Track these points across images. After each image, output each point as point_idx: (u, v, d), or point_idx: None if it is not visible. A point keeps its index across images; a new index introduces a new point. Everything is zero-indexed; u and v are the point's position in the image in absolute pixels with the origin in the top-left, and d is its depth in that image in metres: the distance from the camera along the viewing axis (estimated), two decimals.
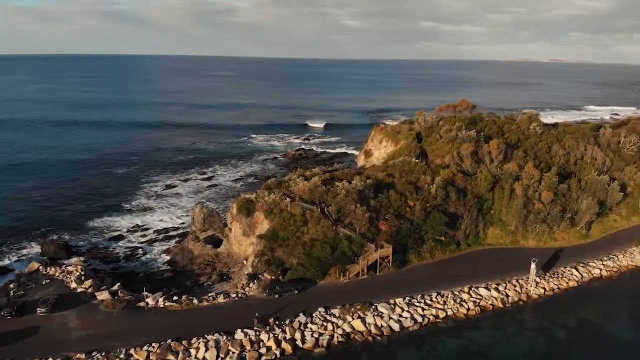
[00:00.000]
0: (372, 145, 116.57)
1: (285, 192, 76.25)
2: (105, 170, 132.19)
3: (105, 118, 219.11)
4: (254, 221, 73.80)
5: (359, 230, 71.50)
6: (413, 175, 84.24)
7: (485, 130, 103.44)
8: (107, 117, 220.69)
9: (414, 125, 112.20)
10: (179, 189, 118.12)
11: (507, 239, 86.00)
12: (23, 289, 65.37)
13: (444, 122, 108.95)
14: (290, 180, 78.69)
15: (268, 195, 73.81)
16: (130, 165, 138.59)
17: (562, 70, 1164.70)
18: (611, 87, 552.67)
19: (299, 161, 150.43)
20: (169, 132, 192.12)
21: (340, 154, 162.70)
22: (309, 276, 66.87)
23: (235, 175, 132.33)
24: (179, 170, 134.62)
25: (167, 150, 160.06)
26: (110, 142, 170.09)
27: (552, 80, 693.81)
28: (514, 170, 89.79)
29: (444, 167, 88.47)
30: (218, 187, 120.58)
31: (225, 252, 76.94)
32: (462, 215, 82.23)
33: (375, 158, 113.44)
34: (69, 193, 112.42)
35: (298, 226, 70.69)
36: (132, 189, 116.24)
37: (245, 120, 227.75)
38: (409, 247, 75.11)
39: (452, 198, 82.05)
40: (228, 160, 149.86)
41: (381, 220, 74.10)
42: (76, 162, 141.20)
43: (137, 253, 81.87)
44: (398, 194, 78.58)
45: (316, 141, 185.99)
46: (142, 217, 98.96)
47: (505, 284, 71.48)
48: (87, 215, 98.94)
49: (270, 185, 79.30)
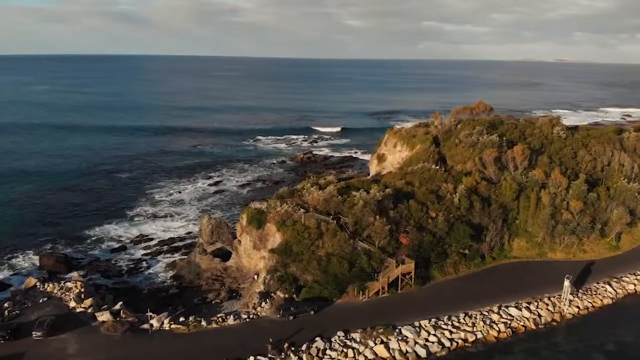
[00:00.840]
0: (385, 150, 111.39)
1: (299, 202, 71.30)
2: (108, 175, 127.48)
3: (107, 120, 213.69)
4: (265, 233, 68.89)
5: (378, 244, 66.48)
6: (434, 183, 79.13)
7: (507, 134, 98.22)
8: (110, 120, 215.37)
9: (430, 129, 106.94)
10: (184, 195, 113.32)
11: (534, 251, 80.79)
12: (19, 308, 60.71)
13: (462, 125, 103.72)
14: (304, 189, 73.69)
15: (280, 205, 68.87)
16: (133, 169, 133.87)
17: (567, 70, 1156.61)
18: (619, 87, 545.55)
19: (308, 165, 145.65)
20: (173, 134, 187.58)
21: (349, 158, 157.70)
22: (325, 295, 61.89)
23: (242, 180, 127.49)
24: (184, 175, 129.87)
25: (171, 153, 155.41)
26: (112, 146, 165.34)
27: (558, 80, 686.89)
28: (540, 177, 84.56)
29: (465, 175, 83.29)
30: (225, 193, 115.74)
31: (234, 266, 72.07)
32: (487, 227, 77.11)
33: (389, 163, 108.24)
34: (69, 199, 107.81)
35: (313, 239, 65.73)
36: (136, 195, 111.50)
37: (250, 122, 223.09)
38: (431, 261, 70.06)
39: (476, 208, 76.91)
40: (234, 164, 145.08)
41: (401, 232, 69.07)
42: (77, 166, 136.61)
43: (141, 266, 77.07)
44: (419, 203, 73.50)
45: (324, 144, 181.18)
46: (146, 226, 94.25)
47: (536, 303, 66.29)
48: (88, 224, 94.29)
49: (282, 195, 74.34)
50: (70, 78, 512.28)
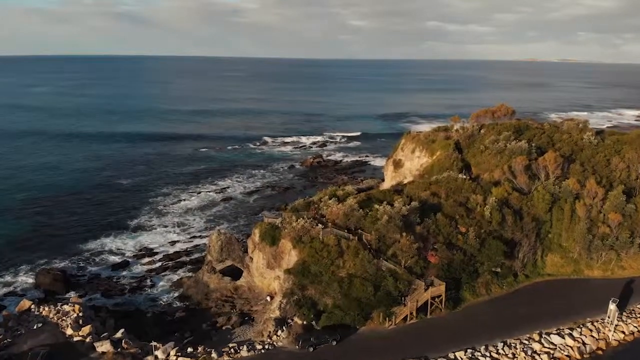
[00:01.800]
0: (402, 155, 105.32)
1: (316, 216, 65.35)
2: (108, 182, 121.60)
3: (108, 124, 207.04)
4: (279, 251, 62.99)
5: (405, 264, 60.42)
6: (461, 194, 72.98)
7: (535, 140, 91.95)
8: (111, 123, 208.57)
9: (450, 134, 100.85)
10: (190, 203, 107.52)
11: (569, 268, 74.46)
12: (10, 336, 55.02)
13: (486, 130, 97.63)
14: (321, 202, 67.68)
15: (296, 220, 62.90)
16: (135, 176, 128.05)
17: (573, 70, 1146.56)
18: (629, 88, 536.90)
19: (318, 170, 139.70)
20: (177, 138, 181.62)
21: (361, 162, 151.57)
22: (347, 321, 55.88)
23: (250, 187, 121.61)
24: (188, 182, 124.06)
25: (175, 158, 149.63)
26: (113, 151, 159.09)
27: (566, 80, 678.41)
28: (574, 187, 78.23)
29: (494, 184, 77.12)
30: (232, 201, 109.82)
31: (245, 285, 66.18)
32: (520, 242, 70.96)
33: (407, 170, 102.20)
34: (68, 208, 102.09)
35: (332, 258, 59.75)
36: (139, 203, 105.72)
37: (256, 125, 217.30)
38: (462, 282, 63.95)
39: (508, 222, 70.73)
40: (241, 169, 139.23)
41: (430, 250, 63.01)
42: (76, 173, 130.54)
43: (145, 285, 71.25)
44: (447, 217, 67.42)
45: (333, 147, 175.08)
46: (149, 238, 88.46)
47: (579, 329, 60.04)
48: (88, 235, 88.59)
49: (298, 207, 68.37)
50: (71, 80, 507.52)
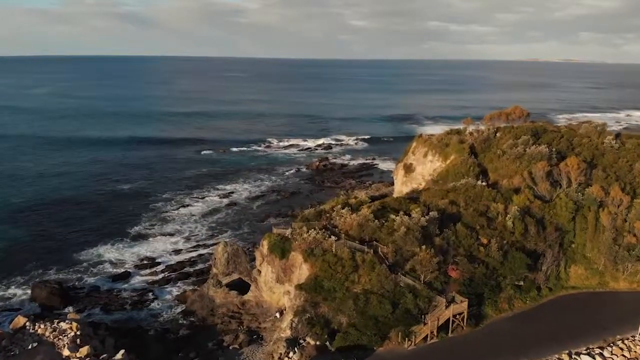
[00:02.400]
0: (413, 159, 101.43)
1: (328, 226, 61.53)
2: (108, 187, 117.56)
3: (109, 126, 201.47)
4: (289, 264, 59.19)
5: (424, 279, 56.56)
6: (481, 202, 69.09)
7: (554, 144, 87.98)
8: (112, 125, 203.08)
9: (464, 137, 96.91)
10: (193, 209, 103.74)
11: (594, 280, 70.48)
12: (4, 357, 51.34)
13: (502, 134, 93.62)
14: (333, 211, 63.84)
15: (307, 231, 59.09)
16: (137, 180, 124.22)
17: (577, 71, 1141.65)
18: (633, 88, 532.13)
19: (324, 173, 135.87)
20: (178, 140, 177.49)
21: (368, 165, 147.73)
22: (363, 341, 52.01)
23: (255, 191, 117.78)
24: (191, 186, 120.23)
25: (177, 161, 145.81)
26: (114, 153, 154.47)
27: (570, 80, 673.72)
28: (598, 194, 74.30)
29: (515, 192, 73.19)
30: (237, 207, 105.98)
31: (253, 300, 62.40)
32: (544, 253, 67.06)
33: (418, 174, 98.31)
34: (65, 214, 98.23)
35: (347, 273, 55.92)
36: (140, 209, 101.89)
37: (259, 127, 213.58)
38: (484, 297, 60.08)
39: (530, 232, 66.86)
40: (245, 172, 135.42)
41: (450, 264, 59.14)
42: (75, 177, 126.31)
43: (147, 298, 67.48)
44: (467, 228, 63.56)
45: (338, 150, 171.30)
46: (152, 246, 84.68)
47: (610, 347, 56.16)
48: (87, 243, 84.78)
49: (308, 217, 64.53)
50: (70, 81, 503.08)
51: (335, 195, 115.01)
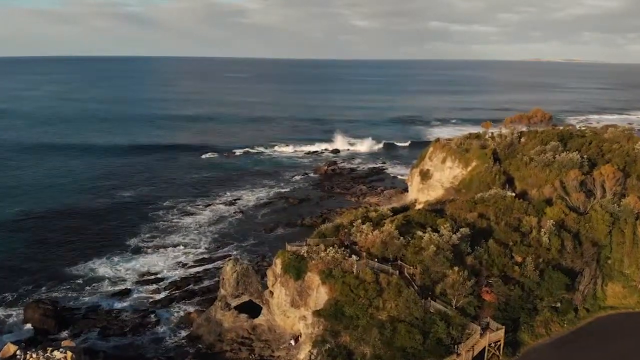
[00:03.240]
0: (430, 165, 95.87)
1: (347, 243, 55.93)
2: (107, 194, 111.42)
3: (108, 130, 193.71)
4: (305, 286, 53.58)
5: (456, 304, 50.93)
6: (512, 215, 63.43)
7: (582, 150, 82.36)
8: (111, 129, 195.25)
9: (486, 142, 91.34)
10: (198, 217, 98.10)
11: (633, 299, 64.78)
12: None
13: (526, 139, 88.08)
14: (352, 226, 58.18)
15: (325, 249, 53.48)
16: (137, 186, 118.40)
17: (580, 71, 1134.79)
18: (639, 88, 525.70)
19: (333, 178, 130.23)
20: (180, 144, 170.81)
21: (378, 170, 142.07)
22: None
23: (262, 198, 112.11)
24: (195, 192, 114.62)
25: (179, 166, 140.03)
26: (112, 158, 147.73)
27: (575, 81, 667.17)
28: (636, 206, 68.64)
29: (547, 203, 67.53)
30: (244, 215, 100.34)
31: (265, 325, 56.82)
32: (581, 271, 61.44)
33: (436, 181, 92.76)
34: (61, 225, 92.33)
35: (370, 298, 50.28)
36: (140, 219, 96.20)
37: (264, 129, 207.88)
38: (520, 322, 54.44)
39: (567, 248, 61.21)
40: (250, 178, 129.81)
41: (483, 286, 53.51)
42: (72, 184, 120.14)
43: (148, 321, 61.89)
44: (499, 244, 57.93)
45: (346, 153, 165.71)
46: (153, 259, 79.06)
47: None
48: (84, 257, 79.07)
49: (325, 232, 58.92)
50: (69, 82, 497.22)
51: (346, 201, 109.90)
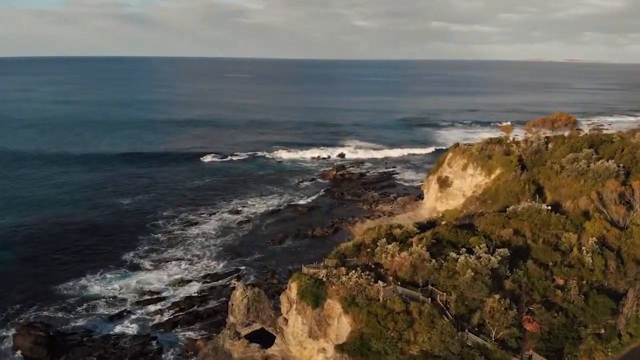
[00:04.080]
0: (450, 172, 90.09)
1: (370, 265, 50.21)
2: (104, 203, 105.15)
3: (105, 134, 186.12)
4: (325, 315, 47.85)
5: (496, 336, 45.19)
6: (549, 231, 57.63)
7: (616, 158, 76.51)
8: (108, 133, 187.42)
9: (510, 147, 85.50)
10: (201, 228, 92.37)
11: None
12: None
13: (554, 144, 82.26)
14: (376, 245, 52.40)
15: (346, 273, 47.74)
16: (135, 194, 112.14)
17: (582, 71, 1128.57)
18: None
19: (342, 184, 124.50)
20: (180, 148, 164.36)
21: (388, 174, 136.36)
22: None
23: (268, 206, 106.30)
24: (197, 200, 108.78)
25: (181, 172, 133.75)
26: (110, 164, 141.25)
27: (579, 81, 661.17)
28: None
29: (583, 216, 61.76)
30: (250, 225, 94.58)
31: (279, 355, 51.13)
32: (625, 293, 55.63)
33: (456, 190, 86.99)
34: (56, 236, 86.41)
35: (400, 330, 44.50)
36: (139, 230, 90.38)
37: (267, 132, 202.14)
38: (564, 352, 48.70)
39: (610, 268, 55.46)
40: (255, 184, 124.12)
41: (524, 314, 47.72)
42: (67, 192, 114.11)
43: (150, 349, 56.19)
44: (539, 265, 52.18)
45: (353, 157, 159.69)
46: (154, 276, 73.31)
47: None
48: (78, 273, 73.14)
49: (345, 252, 53.15)
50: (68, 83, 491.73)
51: (357, 209, 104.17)
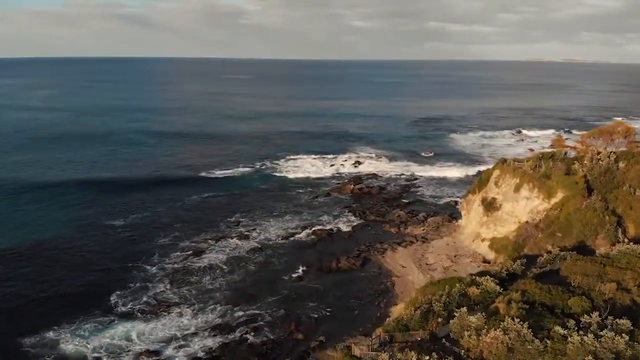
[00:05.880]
0: (498, 193, 76.75)
1: (446, 345, 36.79)
2: (96, 223, 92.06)
3: (97, 143, 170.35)
4: None
5: None
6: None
7: None
8: (99, 142, 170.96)
9: (568, 164, 72.22)
10: (207, 258, 78.44)
11: None
12: None
13: (626, 163, 69.00)
14: (452, 315, 38.71)
15: (415, 357, 34.26)
16: (132, 212, 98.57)
17: (585, 71, 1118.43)
18: None
19: (362, 200, 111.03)
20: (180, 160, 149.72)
21: (409, 187, 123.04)
22: None
23: (282, 228, 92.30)
24: (198, 222, 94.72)
25: (180, 185, 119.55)
26: (104, 175, 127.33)
27: (586, 82, 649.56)
28: None
29: None
30: (264, 254, 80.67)
31: None
32: None
33: (507, 214, 73.58)
34: (25, 269, 72.32)
35: None
36: (135, 261, 76.53)
37: (272, 138, 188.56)
38: None
39: None
40: (263, 200, 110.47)
41: None
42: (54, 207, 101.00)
43: None
44: None
45: (369, 168, 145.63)
46: (150, 328, 59.48)
47: None
48: (51, 323, 58.68)
49: (408, 323, 39.51)
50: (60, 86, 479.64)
51: (384, 232, 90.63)
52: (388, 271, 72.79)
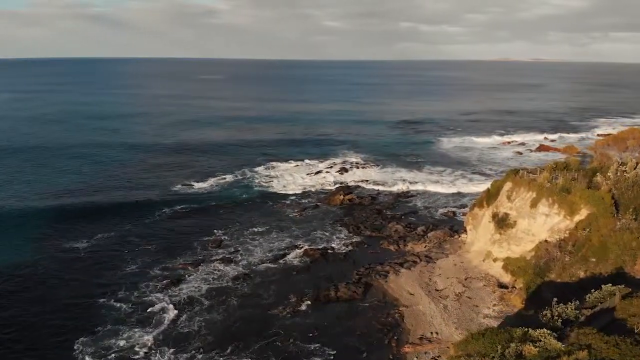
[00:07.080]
0: (511, 208, 69.31)
1: None
2: (55, 247, 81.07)
3: (59, 151, 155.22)
4: None
5: None
6: None
7: None
8: (64, 150, 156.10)
9: (590, 177, 65.50)
10: (186, 289, 68.41)
11: None
12: None
13: None
14: None
15: None
16: (95, 233, 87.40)
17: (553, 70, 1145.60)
18: (620, 87, 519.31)
19: (353, 212, 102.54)
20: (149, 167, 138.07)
21: (403, 198, 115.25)
22: None
23: (268, 249, 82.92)
24: (177, 243, 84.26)
25: (150, 202, 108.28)
26: (63, 194, 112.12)
27: (556, 81, 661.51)
28: None
29: None
30: (250, 283, 70.98)
31: None
32: None
33: (523, 232, 66.22)
34: None
35: None
36: (96, 295, 65.64)
37: (248, 143, 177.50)
38: None
39: None
40: (245, 215, 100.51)
41: None
42: (6, 231, 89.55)
43: None
44: None
45: (356, 174, 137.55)
46: None
47: None
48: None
49: None
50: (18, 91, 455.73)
51: (383, 250, 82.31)
52: (394, 300, 64.42)
